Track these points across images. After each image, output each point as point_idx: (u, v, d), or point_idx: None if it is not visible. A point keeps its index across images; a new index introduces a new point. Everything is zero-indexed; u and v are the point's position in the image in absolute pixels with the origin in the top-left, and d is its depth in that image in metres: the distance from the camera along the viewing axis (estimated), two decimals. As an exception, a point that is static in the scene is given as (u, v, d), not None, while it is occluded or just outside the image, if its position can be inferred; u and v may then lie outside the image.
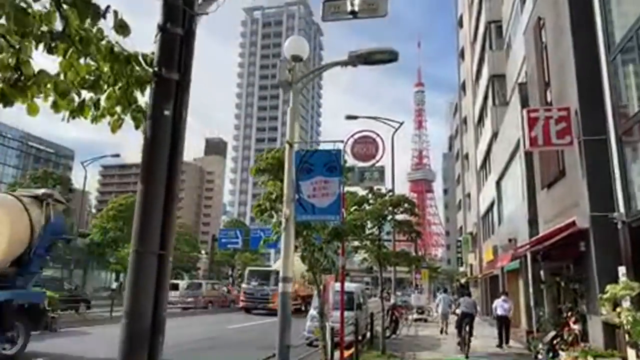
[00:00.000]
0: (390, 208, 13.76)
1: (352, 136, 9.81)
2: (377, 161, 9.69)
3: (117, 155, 34.11)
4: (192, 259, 54.49)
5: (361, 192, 14.30)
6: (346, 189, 10.45)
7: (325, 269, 8.58)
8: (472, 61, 36.15)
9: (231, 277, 62.79)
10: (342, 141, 6.18)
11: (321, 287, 8.32)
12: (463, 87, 45.24)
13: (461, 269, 52.65)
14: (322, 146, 6.43)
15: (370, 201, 13.82)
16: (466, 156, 43.99)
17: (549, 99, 12.51)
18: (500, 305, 14.73)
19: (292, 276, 5.99)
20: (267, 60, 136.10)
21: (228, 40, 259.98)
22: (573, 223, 9.98)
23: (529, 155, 15.22)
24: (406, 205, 13.94)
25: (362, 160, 9.86)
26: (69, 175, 50.37)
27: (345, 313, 10.73)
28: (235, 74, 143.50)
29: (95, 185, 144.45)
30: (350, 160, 9.28)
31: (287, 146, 6.30)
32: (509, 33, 22.50)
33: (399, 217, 15.15)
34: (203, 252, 60.93)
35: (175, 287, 32.06)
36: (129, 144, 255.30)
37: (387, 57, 6.49)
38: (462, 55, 45.09)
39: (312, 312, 12.94)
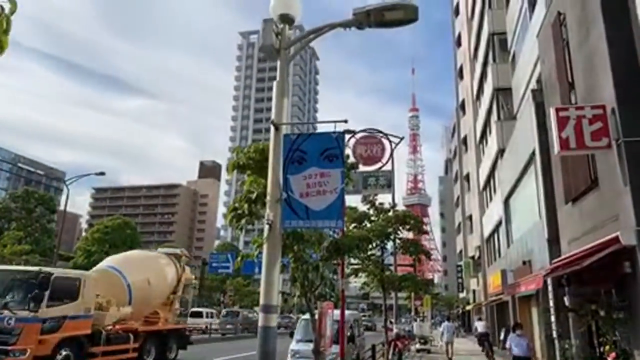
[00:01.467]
0: (394, 225, 12.16)
1: (353, 136, 8.27)
2: (384, 165, 8.11)
3: (102, 174, 32.32)
4: (181, 284, 52.05)
5: (361, 207, 12.75)
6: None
7: (320, 295, 6.95)
8: (472, 78, 35.12)
9: (222, 303, 60.28)
10: (345, 121, 4.61)
11: (316, 316, 6.63)
12: (462, 106, 44.21)
13: (462, 295, 50.66)
14: (319, 129, 4.85)
15: (372, 218, 12.24)
16: (466, 177, 42.60)
17: (573, 101, 11.12)
18: (516, 343, 11.80)
19: (277, 304, 4.34)
20: (263, 84, 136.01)
21: (224, 65, 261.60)
22: (616, 239, 8.39)
23: (546, 167, 13.76)
24: (412, 222, 12.32)
25: (366, 164, 8.29)
26: (53, 195, 48.34)
27: (335, 347, 9.04)
28: (231, 97, 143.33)
29: (87, 208, 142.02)
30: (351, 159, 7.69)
31: (272, 129, 4.74)
32: (514, 43, 21.35)
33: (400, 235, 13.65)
34: (193, 276, 58.58)
35: (198, 314, 34.94)
36: (124, 167, 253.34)
37: (402, 15, 4.99)
38: (460, 74, 44.25)
39: (294, 345, 10.99)
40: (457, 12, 45.16)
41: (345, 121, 4.59)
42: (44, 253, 36.03)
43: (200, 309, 37.39)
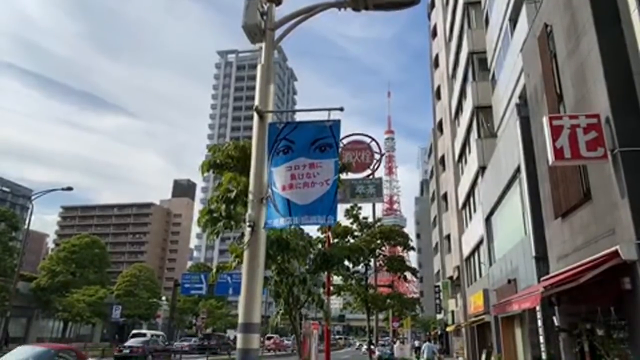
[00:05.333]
0: (379, 241, 11.55)
1: (340, 141, 7.63)
2: (373, 172, 7.51)
3: (70, 189, 30.83)
4: (152, 306, 50.08)
5: (344, 221, 12.12)
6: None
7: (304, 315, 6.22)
8: (450, 98, 35.33)
9: (195, 325, 58.20)
10: (341, 109, 4.00)
11: (301, 336, 5.89)
12: (439, 126, 44.47)
13: (439, 316, 50.09)
14: (307, 118, 4.22)
15: (356, 233, 11.62)
16: (444, 197, 42.55)
17: (562, 113, 10.84)
18: None
19: (259, 322, 3.64)
20: (240, 102, 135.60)
21: (204, 83, 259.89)
22: (615, 254, 7.98)
23: (533, 182, 13.45)
24: (399, 238, 11.73)
25: (354, 171, 7.67)
26: (15, 212, 46.12)
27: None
28: (208, 115, 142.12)
29: (56, 227, 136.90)
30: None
31: (255, 117, 4.10)
32: (495, 61, 21.41)
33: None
34: (164, 298, 56.35)
35: (142, 335, 33.53)
36: (100, 186, 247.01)
37: (404, -4, 4.49)
38: (437, 95, 44.61)
39: None
40: (434, 34, 45.80)
41: (341, 109, 3.99)
42: (4, 272, 33.96)
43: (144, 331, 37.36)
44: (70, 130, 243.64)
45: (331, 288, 11.68)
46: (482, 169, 22.58)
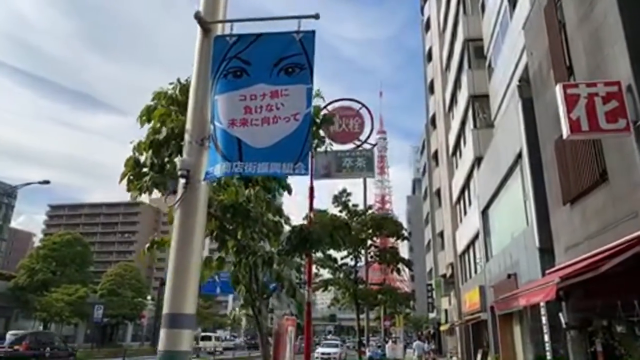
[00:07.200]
0: (370, 230, 10.45)
1: (325, 107, 6.54)
2: (363, 142, 6.41)
3: (47, 182, 29.42)
4: (137, 305, 48.56)
5: (331, 209, 11.01)
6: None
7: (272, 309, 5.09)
8: (444, 90, 34.35)
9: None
10: (316, 16, 2.85)
11: (270, 336, 4.73)
12: (432, 121, 43.50)
13: (432, 315, 49.15)
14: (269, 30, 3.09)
15: (345, 222, 10.50)
16: (437, 193, 41.57)
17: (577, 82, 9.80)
18: None
19: (192, 313, 2.49)
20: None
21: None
22: (639, 239, 6.92)
23: (537, 167, 12.41)
24: (390, 226, 10.62)
25: (341, 141, 6.55)
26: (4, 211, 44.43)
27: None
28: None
29: (42, 226, 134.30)
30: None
31: (198, 30, 2.96)
32: (492, 46, 20.41)
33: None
34: (149, 297, 54.84)
35: (208, 338, 42.67)
36: (94, 186, 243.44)
37: None
38: (431, 89, 43.64)
39: None
40: (427, 27, 44.84)
41: (316, 17, 2.85)
42: (-21, 271, 32.44)
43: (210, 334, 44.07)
44: (62, 129, 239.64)
45: (318, 281, 10.55)
46: (478, 160, 21.60)
